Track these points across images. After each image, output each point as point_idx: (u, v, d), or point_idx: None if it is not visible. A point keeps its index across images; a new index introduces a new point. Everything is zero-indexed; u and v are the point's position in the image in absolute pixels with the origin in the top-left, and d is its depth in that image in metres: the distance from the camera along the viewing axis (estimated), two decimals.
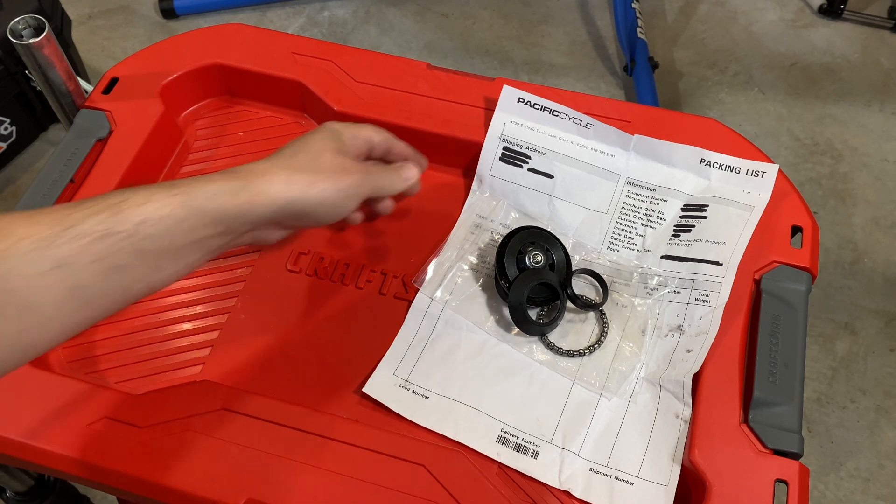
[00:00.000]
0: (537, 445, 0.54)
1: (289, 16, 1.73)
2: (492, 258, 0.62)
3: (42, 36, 0.61)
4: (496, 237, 0.63)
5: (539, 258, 0.59)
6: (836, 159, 1.51)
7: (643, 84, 1.52)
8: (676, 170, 0.63)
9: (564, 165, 0.64)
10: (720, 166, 0.63)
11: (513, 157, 0.64)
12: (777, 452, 0.51)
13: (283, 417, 0.52)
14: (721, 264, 0.59)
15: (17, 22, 0.61)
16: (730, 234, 0.60)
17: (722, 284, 0.58)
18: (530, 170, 0.64)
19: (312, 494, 0.50)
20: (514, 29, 1.72)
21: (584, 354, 0.58)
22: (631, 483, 0.53)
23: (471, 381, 0.57)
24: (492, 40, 1.69)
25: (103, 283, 0.41)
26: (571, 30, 1.72)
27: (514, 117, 0.64)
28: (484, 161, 0.64)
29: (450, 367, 0.57)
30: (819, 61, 1.66)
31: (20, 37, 0.61)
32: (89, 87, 1.01)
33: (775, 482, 0.50)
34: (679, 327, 0.58)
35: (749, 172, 0.62)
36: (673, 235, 0.62)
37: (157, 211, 0.42)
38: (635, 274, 0.62)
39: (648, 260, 0.62)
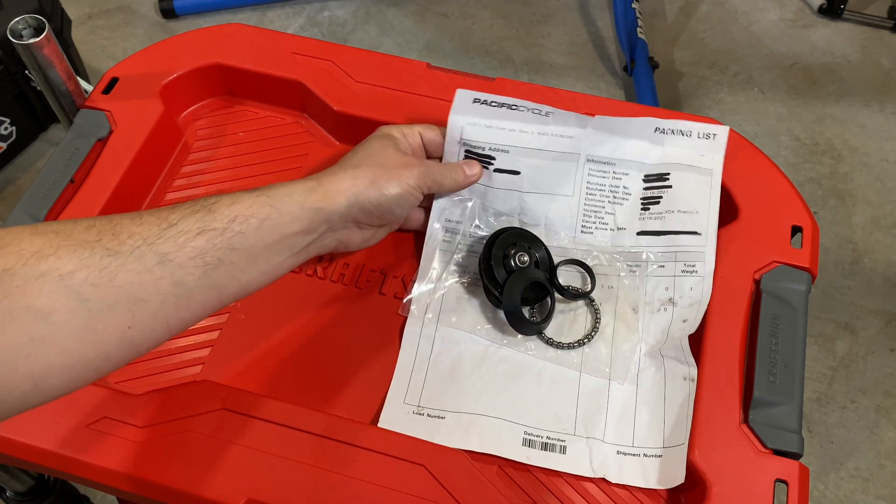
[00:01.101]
0: (563, 440, 0.55)
1: (289, 16, 1.73)
2: (472, 266, 0.61)
3: (42, 36, 0.61)
4: (471, 241, 0.63)
5: (525, 258, 0.60)
6: (836, 159, 1.51)
7: (643, 84, 1.52)
8: (631, 140, 0.63)
9: (528, 158, 0.62)
10: (672, 131, 0.62)
11: (477, 159, 0.62)
12: (777, 452, 0.51)
13: (283, 417, 0.52)
14: (700, 234, 0.60)
15: (17, 22, 0.61)
16: (700, 203, 0.61)
17: (706, 253, 0.59)
18: (497, 170, 0.62)
19: (312, 494, 0.50)
20: (514, 29, 1.72)
21: (584, 343, 0.59)
22: (659, 455, 0.53)
23: (482, 391, 0.56)
24: (492, 40, 1.69)
25: (200, 279, 0.44)
26: (571, 30, 1.72)
27: (472, 118, 0.61)
28: None
29: (458, 383, 0.57)
30: (819, 61, 1.66)
31: (20, 37, 0.61)
32: (89, 87, 1.01)
33: (775, 482, 0.50)
34: (670, 300, 0.59)
35: (700, 135, 0.62)
36: (643, 209, 0.62)
37: (245, 210, 0.46)
38: (615, 254, 0.62)
39: (625, 238, 0.62)
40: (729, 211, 0.62)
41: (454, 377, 0.57)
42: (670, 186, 0.62)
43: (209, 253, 0.44)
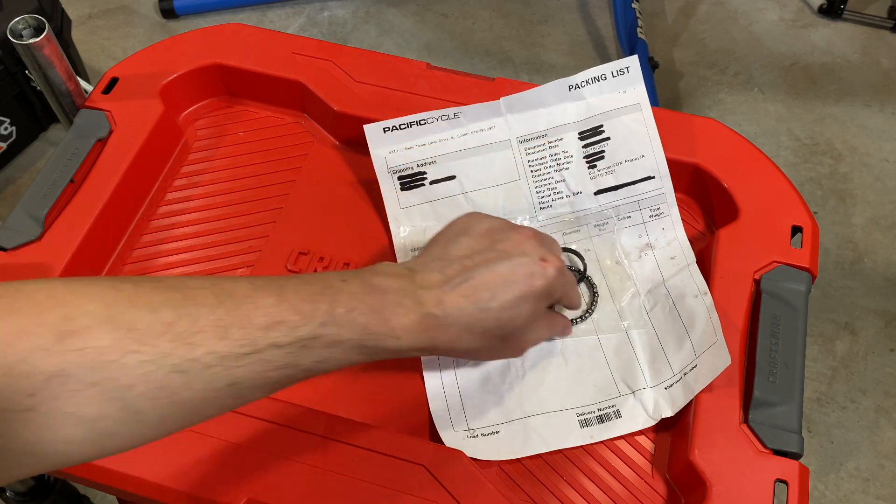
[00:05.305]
0: (612, 405, 0.56)
1: (289, 16, 1.73)
2: None
3: (42, 36, 0.61)
4: None
5: None
6: (836, 159, 1.51)
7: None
8: (551, 107, 0.63)
9: (460, 160, 0.63)
10: (587, 82, 0.63)
11: (410, 180, 0.63)
12: (777, 452, 0.51)
13: (283, 417, 0.52)
14: (654, 177, 0.62)
15: (17, 22, 0.61)
16: (642, 145, 0.62)
17: (665, 194, 0.62)
18: (433, 182, 0.63)
19: (312, 494, 0.50)
20: (514, 29, 1.72)
21: (591, 312, 0.60)
22: (696, 366, 0.54)
23: (520, 393, 0.56)
24: (492, 40, 1.70)
25: (265, 391, 0.42)
26: (571, 30, 1.72)
27: (391, 146, 0.62)
28: (389, 201, 0.63)
29: (494, 394, 0.57)
30: (819, 61, 1.66)
31: (20, 37, 0.61)
32: (89, 87, 1.01)
33: (775, 482, 0.50)
34: (648, 245, 0.62)
35: (615, 73, 0.63)
36: (590, 167, 0.63)
37: (341, 355, 0.43)
38: (580, 219, 0.63)
39: (585, 201, 0.63)
40: (729, 211, 0.62)
41: (488, 388, 0.57)
42: (608, 138, 0.63)
43: (283, 382, 0.42)
